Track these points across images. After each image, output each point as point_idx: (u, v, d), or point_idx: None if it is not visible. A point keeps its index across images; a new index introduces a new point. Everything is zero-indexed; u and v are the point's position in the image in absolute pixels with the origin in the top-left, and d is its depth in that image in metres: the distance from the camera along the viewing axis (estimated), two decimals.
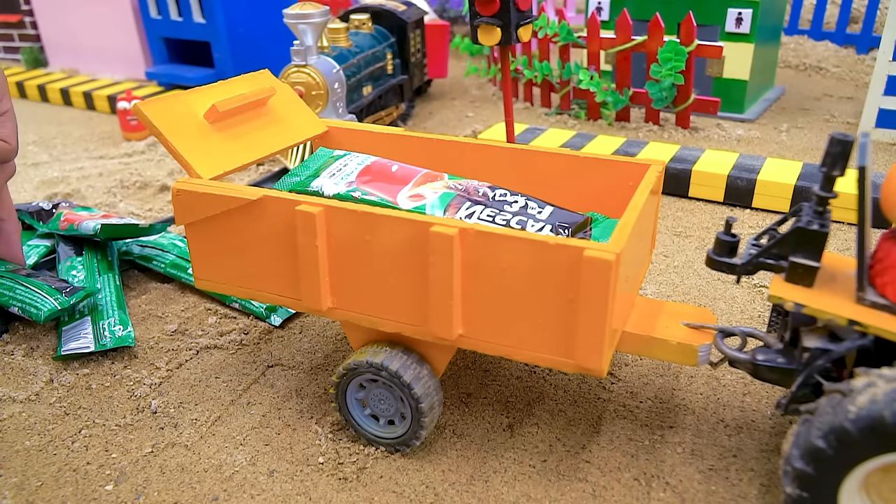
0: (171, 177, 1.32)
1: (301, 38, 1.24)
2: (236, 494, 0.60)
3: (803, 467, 0.49)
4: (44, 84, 1.90)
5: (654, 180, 0.60)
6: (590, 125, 1.50)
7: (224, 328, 0.83)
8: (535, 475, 0.61)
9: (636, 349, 0.61)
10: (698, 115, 1.54)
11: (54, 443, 0.66)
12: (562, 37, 1.52)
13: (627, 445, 0.64)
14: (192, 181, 0.62)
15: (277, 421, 0.68)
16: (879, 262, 0.51)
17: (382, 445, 0.64)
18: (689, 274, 0.92)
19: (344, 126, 0.77)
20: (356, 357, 0.61)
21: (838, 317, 0.50)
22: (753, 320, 0.82)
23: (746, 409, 0.68)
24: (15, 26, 2.17)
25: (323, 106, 1.26)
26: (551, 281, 0.50)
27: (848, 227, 1.04)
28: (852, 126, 1.50)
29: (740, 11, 1.46)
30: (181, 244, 0.97)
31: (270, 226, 0.59)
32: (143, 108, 0.63)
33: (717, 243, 0.57)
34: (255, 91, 0.71)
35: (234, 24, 1.73)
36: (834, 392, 0.48)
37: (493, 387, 0.72)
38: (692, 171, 1.15)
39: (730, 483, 0.60)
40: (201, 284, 0.66)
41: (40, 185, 1.30)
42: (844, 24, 2.09)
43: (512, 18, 0.86)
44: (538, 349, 0.53)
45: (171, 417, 0.69)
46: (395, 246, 0.55)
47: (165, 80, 1.82)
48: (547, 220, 0.59)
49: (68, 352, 0.76)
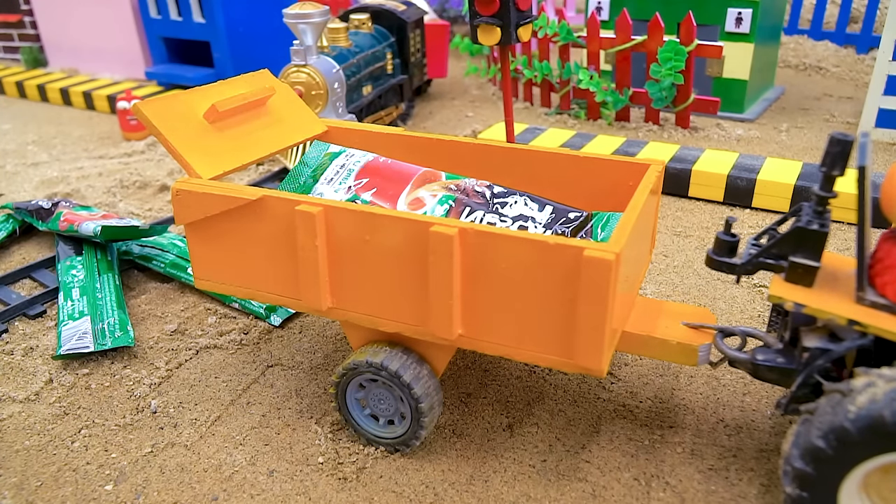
0: (171, 177, 1.32)
1: (301, 37, 1.24)
2: (236, 494, 0.60)
3: (803, 467, 0.49)
4: (43, 84, 1.90)
5: (653, 180, 0.60)
6: (590, 125, 1.50)
7: (224, 328, 0.83)
8: (535, 475, 0.61)
9: (636, 349, 0.61)
10: (698, 114, 1.54)
11: (54, 443, 0.66)
12: (562, 36, 1.52)
13: (627, 445, 0.64)
14: (192, 181, 0.62)
15: (277, 421, 0.68)
16: (879, 262, 0.51)
17: (382, 445, 0.64)
18: (689, 274, 0.92)
19: (344, 126, 0.77)
20: (356, 357, 0.61)
21: (838, 316, 0.50)
22: (753, 320, 0.82)
23: (746, 409, 0.68)
24: (15, 26, 2.17)
25: (323, 106, 1.26)
26: (551, 281, 0.50)
27: (848, 227, 1.04)
28: (852, 126, 1.50)
29: (740, 11, 1.46)
30: (181, 244, 0.97)
31: (270, 226, 0.59)
32: (143, 108, 0.63)
33: (716, 243, 0.57)
34: (255, 91, 0.71)
35: (234, 23, 1.73)
36: (834, 392, 0.48)
37: (493, 387, 0.72)
38: (692, 171, 1.15)
39: (729, 483, 0.60)
40: (201, 284, 0.66)
41: (40, 184, 1.30)
42: (844, 23, 2.09)
43: (512, 18, 0.86)
44: (538, 349, 0.53)
45: (171, 417, 0.69)
46: (395, 246, 0.55)
47: (165, 79, 1.82)
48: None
49: (68, 351, 0.76)
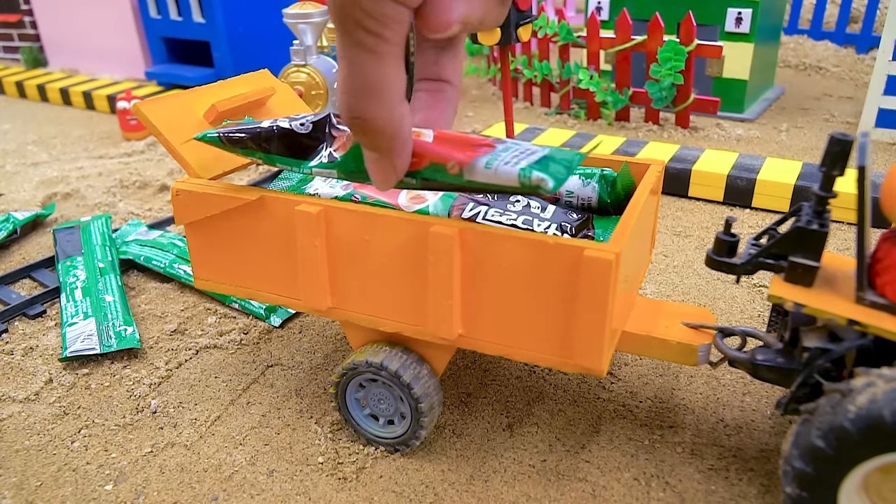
0: (171, 176, 1.32)
1: (301, 37, 1.24)
2: (236, 494, 0.60)
3: (803, 467, 0.49)
4: (43, 84, 1.90)
5: (653, 180, 0.60)
6: (589, 125, 1.50)
7: (224, 328, 0.83)
8: (535, 475, 0.61)
9: (636, 349, 0.61)
10: (698, 114, 1.54)
11: (54, 442, 0.66)
12: (561, 36, 1.52)
13: (627, 445, 0.64)
14: (192, 181, 0.62)
15: (277, 421, 0.68)
16: (879, 261, 0.51)
17: (382, 445, 0.64)
18: (689, 274, 0.92)
19: None
20: (356, 357, 0.61)
21: (838, 316, 0.50)
22: (753, 320, 0.82)
23: (746, 409, 0.68)
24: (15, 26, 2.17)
25: (323, 105, 1.26)
26: (551, 281, 0.50)
27: (848, 227, 1.04)
28: (852, 126, 1.50)
29: (740, 11, 1.46)
30: (181, 244, 0.97)
31: (270, 226, 0.59)
32: (143, 108, 0.63)
33: (716, 243, 0.57)
34: (255, 91, 0.71)
35: (234, 23, 1.73)
36: (834, 392, 0.48)
37: (493, 387, 0.72)
38: (692, 171, 1.15)
39: (729, 483, 0.60)
40: (201, 284, 0.66)
41: (40, 184, 1.30)
42: (844, 23, 2.09)
43: (511, 18, 0.86)
44: (538, 349, 0.53)
45: (171, 417, 0.69)
46: (395, 246, 0.55)
47: (165, 79, 1.82)
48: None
49: (73, 353, 0.76)
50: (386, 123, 0.38)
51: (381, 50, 0.35)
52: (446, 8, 0.37)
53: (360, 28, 0.34)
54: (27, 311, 0.87)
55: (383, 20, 0.34)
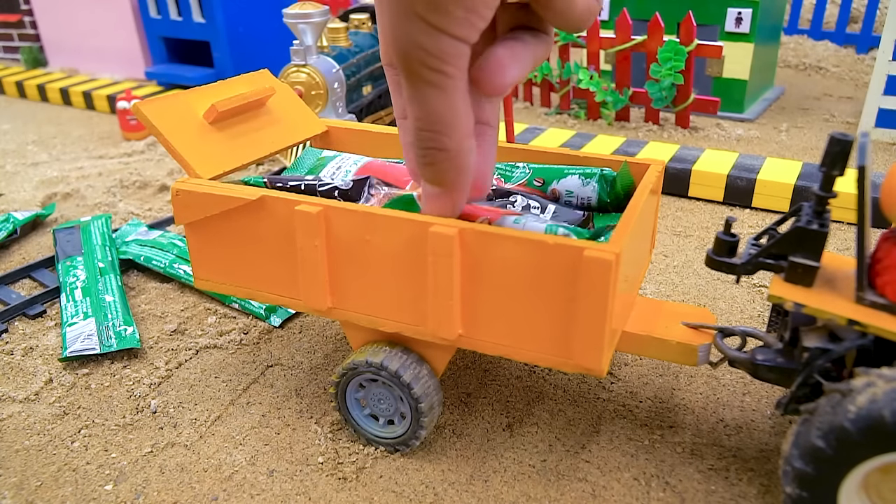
0: (171, 176, 1.32)
1: (301, 37, 1.24)
2: (236, 494, 0.60)
3: (803, 467, 0.49)
4: (43, 84, 1.90)
5: (653, 180, 0.60)
6: (589, 125, 1.50)
7: (223, 328, 0.83)
8: (535, 475, 0.61)
9: (636, 349, 0.61)
10: (698, 114, 1.54)
11: (54, 442, 0.66)
12: (561, 36, 1.52)
13: (627, 445, 0.64)
14: (192, 181, 0.62)
15: (277, 421, 0.68)
16: (879, 261, 0.51)
17: (382, 445, 0.64)
18: (689, 274, 0.92)
19: (343, 126, 0.77)
20: (356, 357, 0.61)
21: (838, 316, 0.50)
22: (753, 320, 0.82)
23: (746, 409, 0.68)
24: (15, 26, 2.17)
25: (322, 106, 1.26)
26: (551, 281, 0.50)
27: (848, 227, 1.04)
28: (852, 126, 1.50)
29: (740, 11, 1.46)
30: (181, 244, 0.97)
31: (270, 226, 0.59)
32: (143, 108, 0.63)
33: (716, 243, 0.57)
34: (255, 91, 0.71)
35: (234, 23, 1.73)
36: (834, 392, 0.48)
37: (493, 387, 0.72)
38: (692, 171, 1.15)
39: (729, 483, 0.60)
40: (201, 284, 0.66)
41: (40, 184, 1.30)
42: (844, 23, 2.09)
43: None
44: (538, 349, 0.53)
45: (171, 417, 0.69)
46: (395, 246, 0.55)
47: (165, 79, 1.82)
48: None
49: (73, 353, 0.76)
50: (455, 155, 0.41)
51: (446, 84, 0.37)
52: (500, 74, 0.39)
53: (424, 66, 0.37)
54: (27, 311, 0.87)
55: (444, 57, 0.36)
